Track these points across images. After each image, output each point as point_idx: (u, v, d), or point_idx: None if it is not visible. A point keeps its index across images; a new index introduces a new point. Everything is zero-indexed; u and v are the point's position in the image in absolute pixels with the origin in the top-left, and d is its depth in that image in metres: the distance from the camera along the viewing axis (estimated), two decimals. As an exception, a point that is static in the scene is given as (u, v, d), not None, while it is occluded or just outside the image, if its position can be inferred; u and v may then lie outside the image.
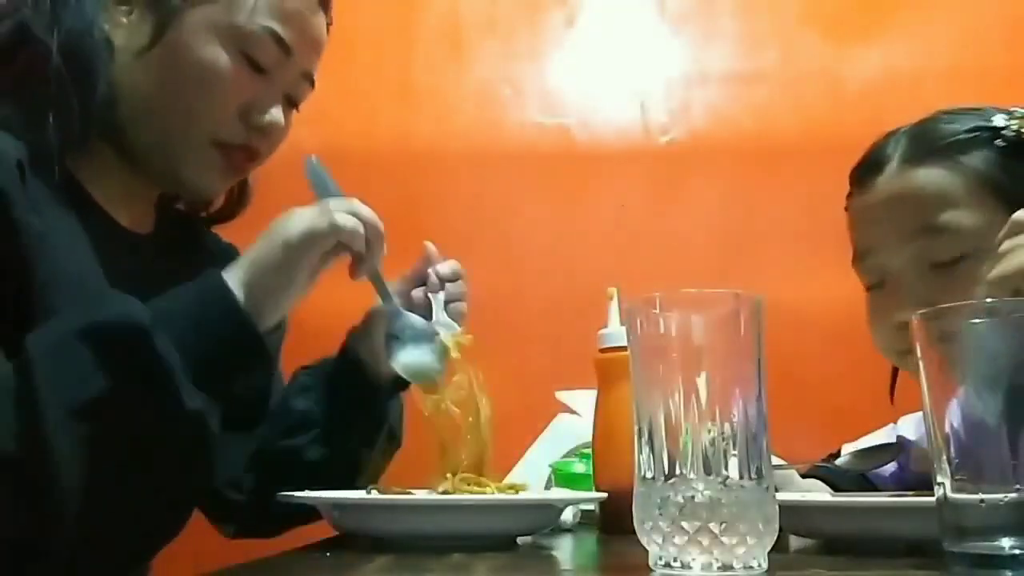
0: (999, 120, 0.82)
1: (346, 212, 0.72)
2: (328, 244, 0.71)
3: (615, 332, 0.83)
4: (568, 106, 1.62)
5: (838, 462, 0.88)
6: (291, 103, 0.83)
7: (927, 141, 0.85)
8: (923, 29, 1.60)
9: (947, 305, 0.46)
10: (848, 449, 1.03)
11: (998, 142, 0.81)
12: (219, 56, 0.75)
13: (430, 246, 0.89)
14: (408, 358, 0.79)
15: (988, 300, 0.60)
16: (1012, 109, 0.84)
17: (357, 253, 0.74)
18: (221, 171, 0.80)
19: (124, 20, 0.76)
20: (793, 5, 1.64)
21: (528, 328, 1.49)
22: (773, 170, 1.57)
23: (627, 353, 0.49)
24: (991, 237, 0.69)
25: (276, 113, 0.80)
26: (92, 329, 0.58)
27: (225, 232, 0.96)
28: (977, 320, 0.45)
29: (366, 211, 0.74)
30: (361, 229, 0.72)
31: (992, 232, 0.70)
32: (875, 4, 1.63)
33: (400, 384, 0.88)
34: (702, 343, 0.46)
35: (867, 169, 0.89)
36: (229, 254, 0.94)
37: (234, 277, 0.67)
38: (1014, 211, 0.67)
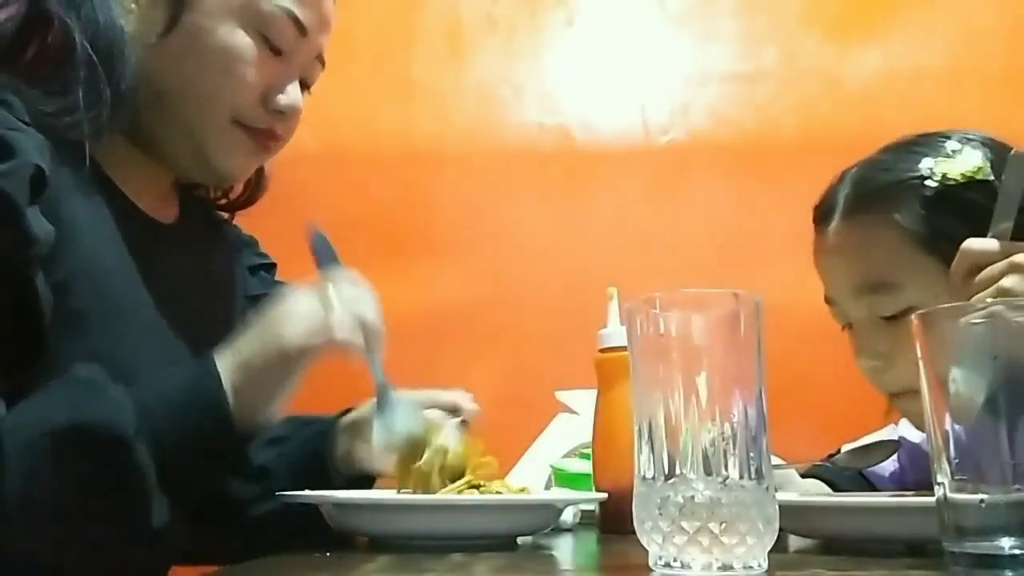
0: (926, 166, 0.82)
1: (347, 317, 0.68)
2: (324, 352, 0.68)
3: (615, 332, 0.83)
4: (568, 106, 1.62)
5: (835, 459, 0.88)
6: (304, 85, 0.82)
7: (864, 192, 0.86)
8: (923, 29, 1.60)
9: (947, 305, 0.46)
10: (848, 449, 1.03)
11: (925, 192, 0.81)
12: (238, 38, 0.74)
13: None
14: (391, 427, 0.74)
15: (989, 301, 0.60)
16: (948, 144, 0.82)
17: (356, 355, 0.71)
18: (247, 152, 0.78)
19: (134, 6, 0.74)
20: (793, 5, 1.64)
21: (528, 328, 1.49)
22: (773, 170, 1.57)
23: (627, 353, 0.49)
24: (936, 285, 0.73)
25: (295, 94, 0.78)
26: (73, 431, 0.56)
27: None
28: (976, 320, 0.45)
29: (368, 309, 0.70)
30: (360, 339, 0.69)
31: (935, 281, 0.73)
32: (875, 4, 1.63)
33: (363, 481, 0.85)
34: (702, 343, 0.46)
35: (822, 214, 0.90)
36: (251, 247, 0.95)
37: (225, 375, 0.64)
38: (949, 260, 0.69)
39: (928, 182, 0.81)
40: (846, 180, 0.89)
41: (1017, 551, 0.41)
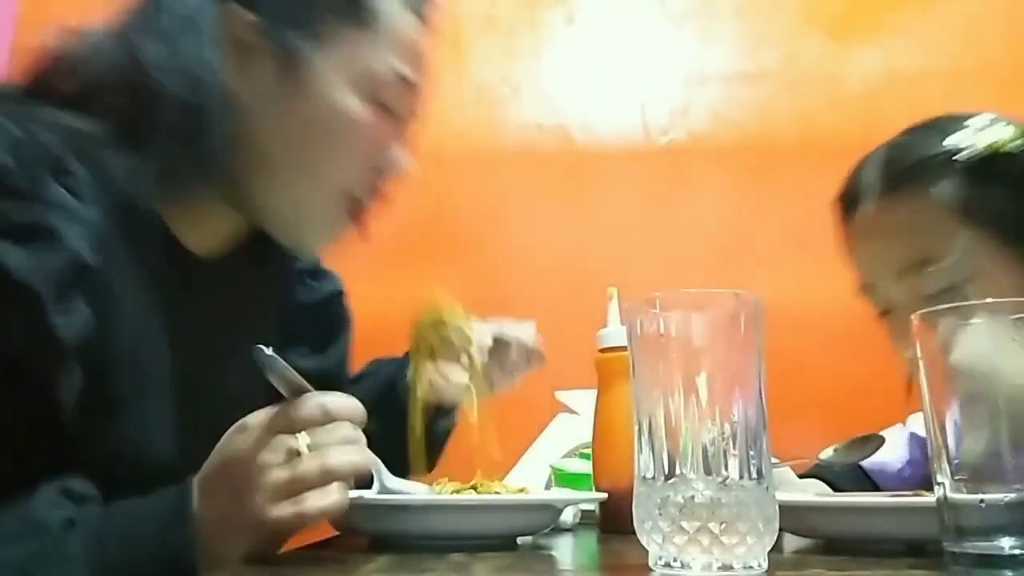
0: (952, 142, 0.81)
1: (318, 475, 0.55)
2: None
3: (615, 332, 0.83)
4: (568, 106, 1.62)
5: (822, 456, 0.88)
6: (405, 139, 0.79)
7: (896, 172, 0.84)
8: (923, 29, 1.60)
9: (946, 306, 0.46)
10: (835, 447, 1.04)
11: (959, 165, 0.80)
12: (353, 105, 0.70)
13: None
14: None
15: (988, 300, 0.60)
16: (974, 121, 0.82)
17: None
18: (344, 225, 0.75)
19: (243, 62, 0.69)
20: (794, 5, 1.64)
21: (528, 328, 1.49)
22: (773, 170, 1.57)
23: (627, 353, 0.49)
24: (978, 260, 0.73)
25: (403, 155, 0.76)
26: None
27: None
28: (976, 320, 0.45)
29: (342, 454, 0.56)
30: (335, 497, 0.55)
31: (977, 255, 0.73)
32: (875, 4, 1.63)
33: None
34: (702, 343, 0.46)
35: (849, 200, 0.88)
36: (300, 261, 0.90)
37: (193, 530, 0.55)
38: (993, 230, 0.69)
39: (961, 155, 0.80)
40: (872, 164, 0.87)
41: (1017, 551, 0.41)
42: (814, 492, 0.89)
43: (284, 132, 0.70)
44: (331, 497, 0.54)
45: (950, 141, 0.81)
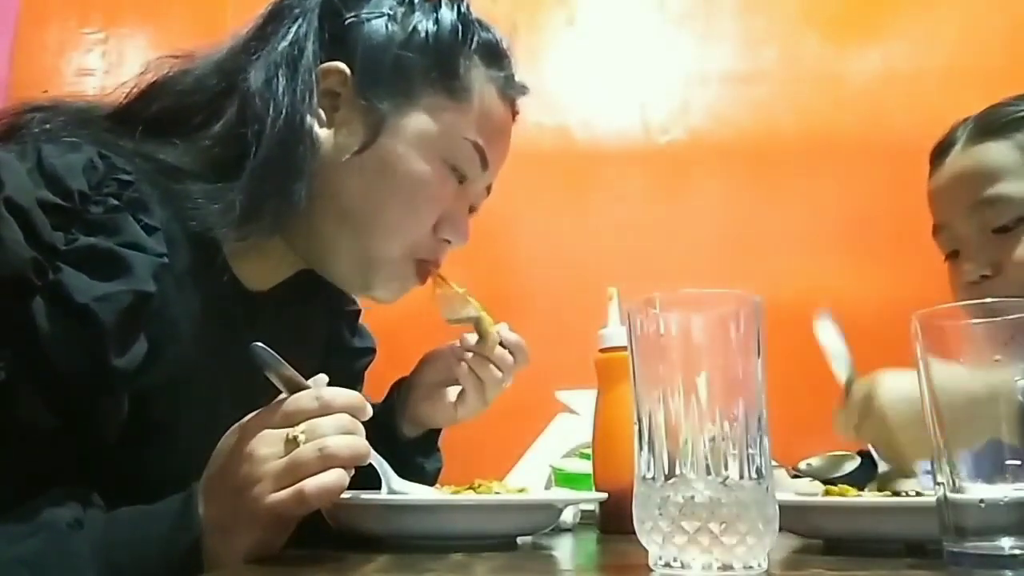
0: None
1: (315, 461, 0.54)
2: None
3: (615, 332, 0.84)
4: (568, 106, 1.62)
5: (801, 467, 0.92)
6: (471, 209, 0.82)
7: (989, 122, 0.95)
8: (923, 29, 1.60)
9: (946, 306, 0.46)
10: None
11: None
12: (430, 169, 0.72)
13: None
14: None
15: (989, 300, 0.61)
16: None
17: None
18: (407, 281, 0.77)
19: (332, 116, 0.72)
20: (793, 5, 1.64)
21: (528, 328, 1.49)
22: (773, 170, 1.57)
23: (627, 353, 0.49)
24: None
25: (466, 227, 0.78)
26: None
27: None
28: (976, 320, 0.45)
29: (341, 441, 0.56)
30: (334, 474, 0.54)
31: None
32: (875, 4, 1.63)
33: (430, 436, 0.89)
34: (702, 343, 0.46)
35: (939, 151, 0.99)
36: (345, 306, 0.90)
37: (199, 532, 0.55)
38: None
39: None
40: (967, 121, 0.98)
41: (1017, 551, 0.41)
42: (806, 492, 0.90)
43: (359, 185, 0.72)
44: (330, 476, 0.54)
45: None
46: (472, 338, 0.84)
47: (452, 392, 0.87)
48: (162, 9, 1.78)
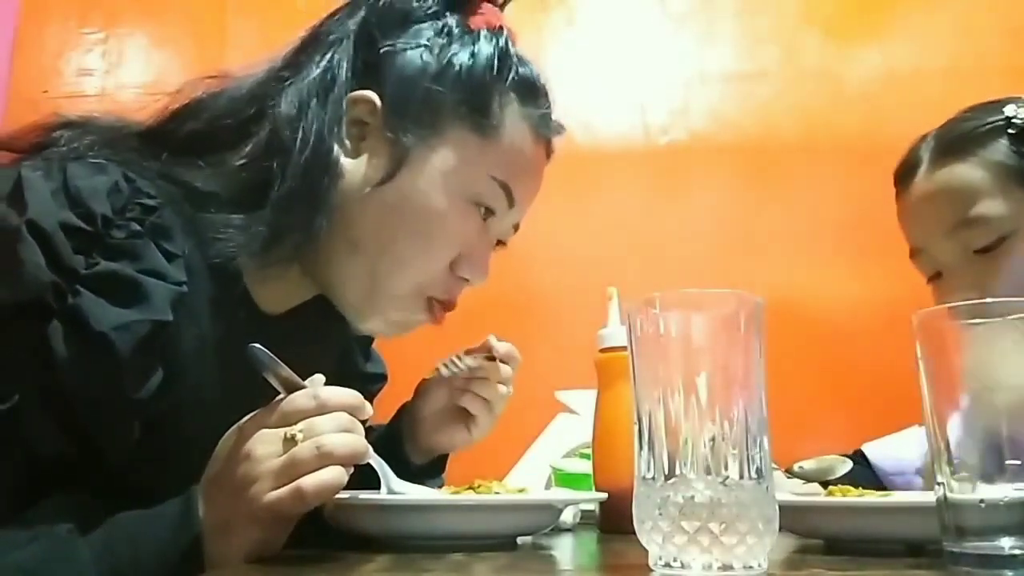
0: (1010, 110, 0.90)
1: (312, 456, 0.54)
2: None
3: (615, 332, 0.83)
4: (568, 106, 1.62)
5: (794, 469, 0.92)
6: (499, 243, 0.81)
7: (950, 141, 0.93)
8: (923, 29, 1.60)
9: (946, 306, 0.46)
10: (872, 448, 1.07)
11: (1010, 131, 0.88)
12: (447, 205, 0.71)
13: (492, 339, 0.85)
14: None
15: (988, 300, 0.61)
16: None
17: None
18: (416, 317, 0.75)
19: (359, 145, 0.71)
20: (793, 5, 1.64)
21: (528, 328, 1.49)
22: (773, 170, 1.57)
23: (627, 353, 0.49)
24: (1022, 217, 0.85)
25: (485, 267, 0.76)
26: None
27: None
28: (976, 320, 0.45)
29: (339, 440, 0.56)
30: (332, 471, 0.54)
31: (1021, 211, 0.84)
32: (875, 4, 1.63)
33: (441, 459, 0.88)
34: (702, 343, 0.46)
35: (903, 173, 0.97)
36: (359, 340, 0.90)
37: (200, 534, 0.55)
38: None
39: (1014, 120, 0.89)
40: (928, 137, 0.96)
41: (1017, 551, 0.41)
42: (802, 492, 0.90)
43: (375, 217, 0.70)
44: (328, 473, 0.54)
45: (1004, 110, 0.90)
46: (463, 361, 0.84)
47: (460, 415, 0.85)
48: (162, 9, 1.78)
